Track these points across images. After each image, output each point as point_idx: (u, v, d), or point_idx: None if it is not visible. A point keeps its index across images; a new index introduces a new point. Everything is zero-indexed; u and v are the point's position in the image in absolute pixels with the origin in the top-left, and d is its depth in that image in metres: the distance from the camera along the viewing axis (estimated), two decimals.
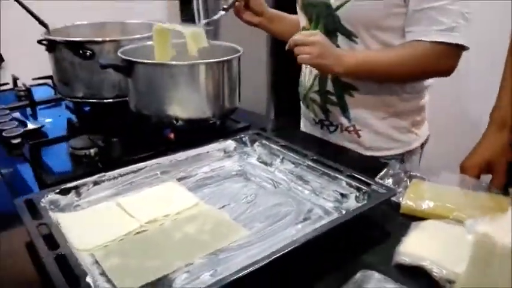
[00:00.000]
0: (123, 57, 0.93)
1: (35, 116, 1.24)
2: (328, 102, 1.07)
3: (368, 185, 0.73)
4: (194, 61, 0.94)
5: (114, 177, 0.77)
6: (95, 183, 0.75)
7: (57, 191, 0.71)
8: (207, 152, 0.89)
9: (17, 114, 1.19)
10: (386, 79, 1.00)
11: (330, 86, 1.06)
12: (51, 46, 1.07)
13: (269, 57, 2.26)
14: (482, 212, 0.67)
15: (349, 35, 0.99)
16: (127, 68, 0.93)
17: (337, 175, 0.77)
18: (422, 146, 1.11)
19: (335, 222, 0.63)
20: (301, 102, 1.20)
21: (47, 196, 0.69)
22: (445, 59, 0.93)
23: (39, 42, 1.06)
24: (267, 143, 0.91)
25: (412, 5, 0.91)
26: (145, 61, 0.92)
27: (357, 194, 0.73)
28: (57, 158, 0.94)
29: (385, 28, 0.96)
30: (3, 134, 1.00)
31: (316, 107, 1.11)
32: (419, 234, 0.64)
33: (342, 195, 0.75)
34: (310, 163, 0.81)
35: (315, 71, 1.07)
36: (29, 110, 1.27)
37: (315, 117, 1.13)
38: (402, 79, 1.00)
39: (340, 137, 1.09)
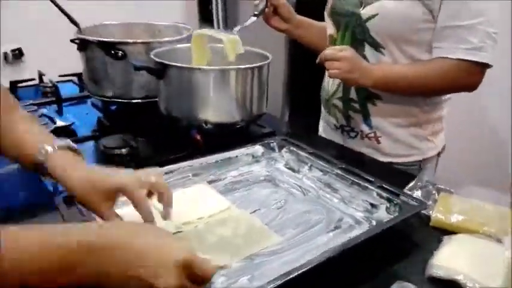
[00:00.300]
0: (157, 59, 0.95)
1: (61, 113, 1.26)
2: (350, 109, 1.09)
3: (398, 196, 0.74)
4: (226, 66, 0.95)
5: None
6: None
7: None
8: (236, 157, 0.91)
9: (44, 111, 1.21)
10: (412, 93, 1.02)
11: (353, 94, 1.07)
12: (83, 45, 1.09)
13: (287, 61, 2.27)
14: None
15: (377, 47, 1.00)
16: (160, 70, 0.94)
17: (367, 185, 0.78)
18: (438, 154, 1.13)
19: (371, 232, 0.64)
20: (322, 107, 1.22)
21: None
22: (470, 76, 0.95)
23: (72, 41, 1.08)
24: (295, 149, 0.92)
25: (440, 21, 0.93)
26: (179, 65, 0.93)
27: (388, 205, 0.74)
28: (89, 156, 0.95)
29: (412, 42, 0.97)
30: None
31: (338, 113, 1.12)
32: (451, 247, 0.65)
33: (372, 205, 0.76)
34: (339, 172, 0.83)
35: (338, 79, 1.08)
36: (54, 107, 1.29)
37: (336, 122, 1.15)
38: (427, 93, 1.03)
39: (359, 143, 1.11)
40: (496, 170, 1.69)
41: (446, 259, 0.62)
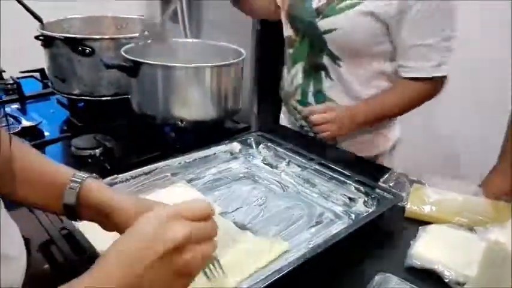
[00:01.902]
0: (129, 57, 0.92)
1: (25, 112, 1.21)
2: None
3: (374, 189, 0.77)
4: (201, 64, 0.94)
5: (127, 179, 0.78)
6: (108, 185, 0.75)
7: None
8: (214, 154, 0.91)
9: (8, 110, 1.16)
10: (391, 117, 1.11)
11: (311, 99, 1.10)
12: (48, 42, 1.05)
13: (253, 54, 2.27)
14: (482, 217, 0.72)
15: (335, 59, 1.03)
16: (133, 68, 0.92)
17: (345, 179, 0.80)
18: (393, 147, 1.17)
19: (352, 227, 0.66)
20: (282, 104, 1.25)
21: None
22: (436, 89, 1.02)
23: (37, 38, 1.03)
24: (272, 145, 0.93)
25: (404, 39, 0.96)
26: (152, 62, 0.92)
27: (366, 199, 0.76)
28: (59, 158, 0.92)
29: (369, 54, 1.01)
30: None
31: (297, 114, 1.15)
32: (427, 237, 0.68)
33: (350, 199, 0.78)
34: (317, 167, 0.84)
35: (296, 82, 1.11)
36: (17, 105, 1.23)
37: (295, 121, 1.17)
38: (403, 113, 1.08)
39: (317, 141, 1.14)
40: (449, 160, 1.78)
41: (423, 249, 0.65)
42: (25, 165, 0.54)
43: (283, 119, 1.27)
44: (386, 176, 0.87)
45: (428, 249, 0.65)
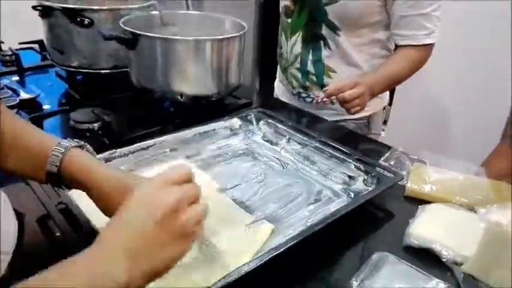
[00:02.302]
0: (128, 29, 0.90)
1: (23, 84, 1.20)
2: (308, 80, 1.16)
3: (375, 168, 0.76)
4: (202, 37, 0.92)
5: (125, 154, 0.77)
6: (106, 160, 0.74)
7: None
8: (214, 130, 0.90)
9: (6, 82, 1.15)
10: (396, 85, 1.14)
11: (310, 67, 1.14)
12: (46, 13, 1.02)
13: (256, 27, 2.23)
14: (483, 197, 0.72)
15: (334, 29, 1.07)
16: (132, 40, 0.90)
17: (345, 158, 0.79)
18: (384, 108, 1.25)
19: (350, 205, 0.65)
20: (279, 72, 1.26)
21: None
22: (427, 56, 1.08)
23: (34, 8, 1.00)
24: (273, 121, 0.92)
25: (399, 10, 1.02)
26: (152, 35, 0.89)
27: (365, 177, 0.75)
28: (57, 132, 0.92)
29: (367, 24, 1.07)
30: None
31: (296, 82, 1.18)
32: (426, 217, 0.68)
33: (350, 177, 0.77)
34: (317, 145, 0.83)
35: (295, 51, 1.14)
36: (15, 77, 1.21)
37: (293, 89, 1.21)
38: (401, 82, 1.13)
39: (314, 106, 1.17)
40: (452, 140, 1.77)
41: (422, 228, 0.65)
42: (13, 135, 0.54)
43: (279, 87, 1.30)
44: (387, 155, 0.86)
45: (426, 228, 0.65)
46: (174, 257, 0.43)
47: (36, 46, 1.41)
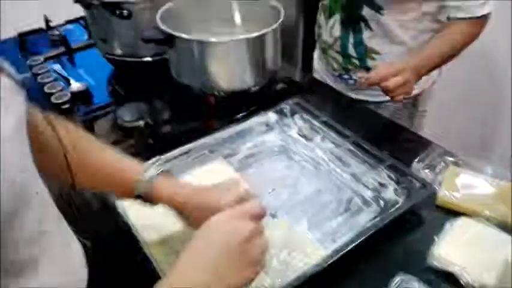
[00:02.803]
0: (165, 29, 0.91)
1: (73, 65, 1.25)
2: (349, 64, 1.12)
3: (406, 177, 0.77)
4: (236, 37, 0.92)
5: (168, 160, 0.83)
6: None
7: None
8: (250, 127, 0.93)
9: (57, 67, 1.21)
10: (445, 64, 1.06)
11: (351, 50, 1.10)
12: (87, 5, 1.05)
13: (298, 10, 2.08)
14: None
15: (377, 9, 1.02)
16: (169, 40, 0.92)
17: (377, 163, 0.80)
18: (432, 83, 1.18)
19: (379, 223, 0.68)
20: (319, 52, 1.23)
21: None
22: (481, 29, 1.00)
23: (77, 1, 1.03)
24: (308, 117, 0.93)
25: None
26: (187, 37, 0.90)
27: (396, 187, 0.77)
28: (107, 131, 0.98)
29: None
30: (52, 99, 1.03)
31: (336, 64, 1.15)
32: (452, 235, 0.69)
33: (381, 184, 0.79)
34: (350, 147, 0.84)
35: (334, 33, 1.10)
36: (65, 60, 1.27)
37: (334, 71, 1.17)
38: (455, 56, 1.03)
39: (356, 87, 1.14)
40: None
41: (446, 249, 0.66)
42: (85, 157, 0.61)
43: (320, 64, 1.26)
44: (422, 155, 0.86)
45: (451, 249, 0.66)
46: (245, 280, 0.51)
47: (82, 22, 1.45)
